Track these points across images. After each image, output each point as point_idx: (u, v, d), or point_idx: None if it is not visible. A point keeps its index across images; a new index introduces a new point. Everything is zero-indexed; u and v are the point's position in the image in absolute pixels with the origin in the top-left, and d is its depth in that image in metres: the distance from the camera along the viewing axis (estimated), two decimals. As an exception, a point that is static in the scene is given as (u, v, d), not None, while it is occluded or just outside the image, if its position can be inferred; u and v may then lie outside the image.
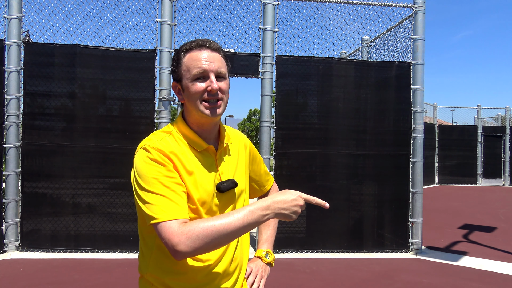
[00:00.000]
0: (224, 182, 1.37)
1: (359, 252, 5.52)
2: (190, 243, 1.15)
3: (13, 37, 5.14)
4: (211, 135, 1.42)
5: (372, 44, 7.20)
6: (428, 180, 14.66)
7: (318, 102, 5.63)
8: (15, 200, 5.17)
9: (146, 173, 1.24)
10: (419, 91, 5.68)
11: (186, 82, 1.35)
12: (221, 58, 1.37)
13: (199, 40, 1.37)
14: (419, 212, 5.61)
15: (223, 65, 1.37)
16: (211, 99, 1.34)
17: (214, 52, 1.36)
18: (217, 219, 1.18)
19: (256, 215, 1.19)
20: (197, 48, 1.35)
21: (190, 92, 1.35)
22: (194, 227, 1.16)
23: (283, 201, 1.21)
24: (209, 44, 1.36)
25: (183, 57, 1.37)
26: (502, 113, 16.95)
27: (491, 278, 4.58)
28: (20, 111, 5.21)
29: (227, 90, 1.38)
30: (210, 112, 1.34)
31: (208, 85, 1.33)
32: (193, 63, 1.34)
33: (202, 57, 1.33)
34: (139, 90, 5.33)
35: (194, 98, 1.34)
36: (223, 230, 1.16)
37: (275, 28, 5.45)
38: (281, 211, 1.21)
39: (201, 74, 1.33)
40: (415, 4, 5.63)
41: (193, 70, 1.33)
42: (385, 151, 5.65)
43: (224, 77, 1.37)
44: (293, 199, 1.21)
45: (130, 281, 4.26)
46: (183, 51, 1.37)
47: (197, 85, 1.33)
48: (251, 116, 32.95)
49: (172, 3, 5.34)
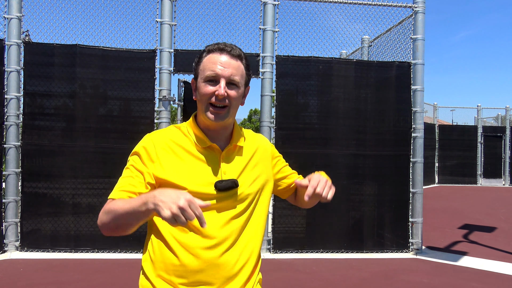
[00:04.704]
0: (222, 181, 1.36)
1: (359, 252, 5.52)
2: (100, 216, 1.32)
3: (13, 37, 5.14)
4: (219, 136, 1.43)
5: (372, 44, 7.20)
6: (428, 180, 14.65)
7: (318, 102, 5.63)
8: (15, 200, 5.17)
9: (129, 159, 1.43)
10: (419, 91, 5.68)
11: (199, 82, 1.38)
12: (239, 66, 1.38)
13: (222, 44, 1.38)
14: (419, 212, 5.61)
15: (238, 73, 1.37)
16: (218, 104, 1.35)
17: (233, 58, 1.37)
18: (122, 201, 1.26)
19: (139, 202, 1.18)
20: (217, 51, 1.37)
21: (200, 92, 1.38)
22: (108, 205, 1.30)
23: (166, 195, 1.11)
24: (230, 50, 1.37)
25: (204, 56, 1.39)
26: (502, 113, 16.95)
27: (491, 278, 4.58)
28: (20, 111, 5.21)
29: (236, 98, 1.38)
30: (214, 116, 1.36)
31: (216, 90, 1.34)
32: (208, 65, 1.36)
33: (219, 61, 1.35)
34: (139, 90, 5.32)
35: (202, 99, 1.37)
36: (119, 209, 1.24)
37: (275, 28, 5.45)
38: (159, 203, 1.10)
39: (213, 78, 1.35)
40: (415, 4, 5.63)
41: (206, 72, 1.36)
42: (385, 151, 5.65)
43: (237, 85, 1.37)
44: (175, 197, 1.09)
45: (130, 281, 4.26)
46: (205, 51, 1.40)
47: (207, 87, 1.36)
48: (251, 116, 32.95)
49: (172, 3, 5.34)
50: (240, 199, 1.40)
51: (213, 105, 1.36)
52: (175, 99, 5.55)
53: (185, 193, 1.11)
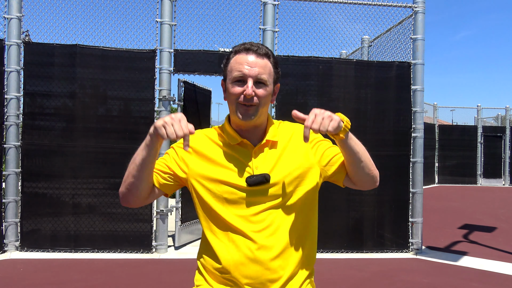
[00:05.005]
0: (253, 176, 1.38)
1: (359, 252, 5.52)
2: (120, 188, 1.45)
3: (13, 37, 5.14)
4: (251, 135, 1.44)
5: (372, 44, 7.19)
6: (428, 180, 14.64)
7: (318, 102, 5.63)
8: (15, 200, 5.17)
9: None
10: (419, 91, 5.68)
11: (228, 83, 1.40)
12: (266, 64, 1.39)
13: (248, 44, 1.40)
14: (419, 212, 5.61)
15: (266, 72, 1.38)
16: (246, 103, 1.37)
17: (260, 57, 1.38)
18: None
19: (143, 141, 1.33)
20: (244, 51, 1.39)
21: (228, 93, 1.40)
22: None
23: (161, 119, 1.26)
24: (256, 49, 1.38)
25: (231, 58, 1.41)
26: (502, 113, 16.94)
27: (491, 278, 4.58)
28: (20, 111, 5.21)
29: (265, 97, 1.39)
30: (243, 116, 1.38)
31: (244, 90, 1.35)
32: (235, 66, 1.38)
33: (246, 61, 1.36)
34: (139, 90, 5.33)
35: (231, 99, 1.40)
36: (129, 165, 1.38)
37: (275, 28, 5.45)
38: (156, 122, 1.26)
39: (240, 78, 1.37)
40: (415, 4, 5.63)
41: (234, 73, 1.38)
42: (385, 151, 5.64)
43: (264, 84, 1.38)
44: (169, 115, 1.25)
45: (130, 281, 4.26)
46: (232, 52, 1.42)
47: (235, 88, 1.37)
48: (251, 116, 32.87)
49: (172, 3, 5.34)
50: (272, 194, 1.39)
51: (242, 104, 1.37)
52: (175, 99, 5.54)
53: (179, 114, 1.25)
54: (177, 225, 5.64)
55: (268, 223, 1.37)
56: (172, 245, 5.66)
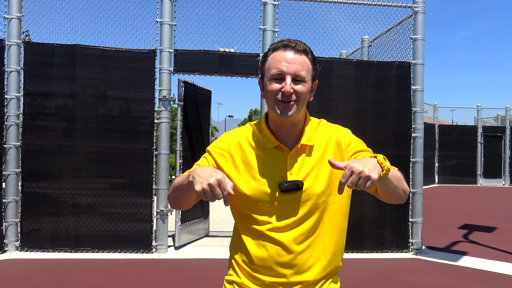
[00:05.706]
0: (286, 182, 1.36)
1: (359, 252, 5.52)
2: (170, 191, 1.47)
3: (13, 37, 5.14)
4: (289, 135, 1.43)
5: (372, 44, 7.19)
6: (428, 180, 14.65)
7: (318, 102, 5.63)
8: (15, 200, 5.17)
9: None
10: (419, 91, 5.68)
11: (266, 80, 1.40)
12: (304, 60, 1.38)
13: (286, 41, 1.39)
14: (419, 212, 5.61)
15: (304, 68, 1.36)
16: (284, 100, 1.36)
17: (298, 54, 1.37)
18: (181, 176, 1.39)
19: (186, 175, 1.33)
20: (281, 48, 1.38)
21: (266, 91, 1.39)
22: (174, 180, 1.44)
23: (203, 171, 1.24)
24: (294, 45, 1.37)
25: (269, 55, 1.40)
26: (502, 113, 16.95)
27: (491, 278, 4.58)
28: (20, 111, 5.21)
29: (303, 93, 1.37)
30: (281, 112, 1.36)
31: (282, 87, 1.34)
32: (273, 63, 1.37)
33: (284, 58, 1.36)
34: (139, 90, 5.33)
35: (269, 97, 1.38)
36: (176, 183, 1.41)
37: (275, 28, 5.45)
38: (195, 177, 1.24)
39: (279, 75, 1.36)
40: (415, 4, 5.63)
41: (272, 70, 1.37)
42: (385, 151, 5.61)
43: (303, 80, 1.36)
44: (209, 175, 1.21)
45: (130, 281, 4.26)
46: (270, 50, 1.41)
47: (273, 85, 1.36)
48: (251, 116, 32.97)
49: (172, 3, 5.34)
50: (305, 201, 1.38)
51: (280, 101, 1.36)
52: (175, 99, 5.55)
53: (218, 172, 1.22)
54: (177, 225, 5.64)
55: (300, 230, 1.39)
56: (172, 245, 5.66)
